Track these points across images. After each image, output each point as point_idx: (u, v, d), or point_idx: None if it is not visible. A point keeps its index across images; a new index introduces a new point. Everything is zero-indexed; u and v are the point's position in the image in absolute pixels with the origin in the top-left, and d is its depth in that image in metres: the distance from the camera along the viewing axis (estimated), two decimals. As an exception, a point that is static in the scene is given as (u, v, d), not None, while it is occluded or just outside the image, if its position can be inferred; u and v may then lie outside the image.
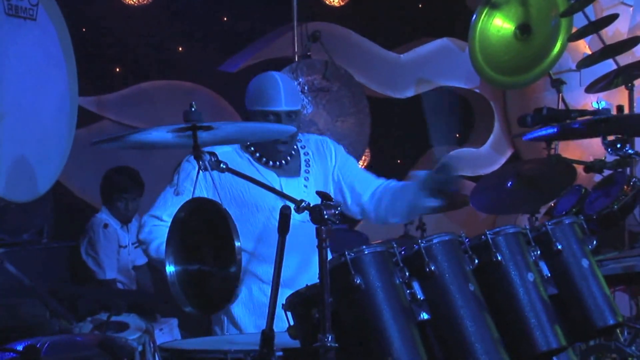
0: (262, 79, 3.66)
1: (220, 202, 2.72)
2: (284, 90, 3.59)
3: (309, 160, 3.75)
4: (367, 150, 7.51)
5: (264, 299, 3.52)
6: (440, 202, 3.58)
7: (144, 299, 5.16)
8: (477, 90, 7.96)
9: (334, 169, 3.78)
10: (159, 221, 3.55)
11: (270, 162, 3.68)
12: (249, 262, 3.57)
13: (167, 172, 3.91)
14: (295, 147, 3.75)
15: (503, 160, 7.99)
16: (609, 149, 3.77)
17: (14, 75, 4.91)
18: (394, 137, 8.00)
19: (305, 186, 3.64)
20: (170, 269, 2.72)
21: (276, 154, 3.66)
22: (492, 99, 8.00)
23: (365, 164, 7.79)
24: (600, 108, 3.60)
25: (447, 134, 3.73)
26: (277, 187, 3.55)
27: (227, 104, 7.31)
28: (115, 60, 7.37)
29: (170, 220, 2.78)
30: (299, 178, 3.69)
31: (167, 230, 2.93)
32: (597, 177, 5.39)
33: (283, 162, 3.70)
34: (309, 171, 3.72)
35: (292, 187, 3.59)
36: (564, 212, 5.03)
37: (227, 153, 3.49)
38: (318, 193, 2.71)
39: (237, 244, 2.58)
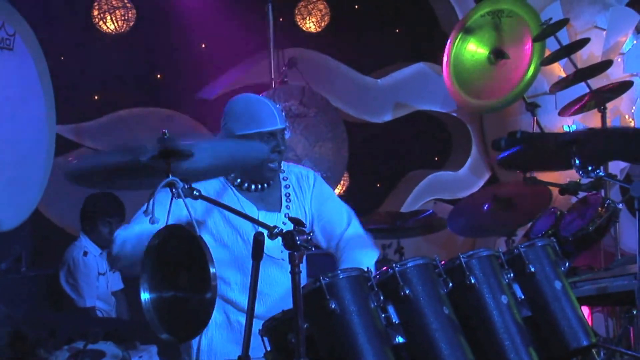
0: (249, 102, 3.61)
1: (195, 228, 2.73)
2: (275, 109, 3.59)
3: (289, 195, 3.70)
4: (345, 174, 7.54)
5: (241, 327, 3.52)
6: None
7: (123, 327, 5.15)
8: (454, 114, 8.00)
9: (310, 205, 3.74)
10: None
11: (253, 187, 3.62)
12: (226, 290, 3.57)
13: (144, 199, 3.90)
14: (277, 176, 3.70)
15: (481, 183, 8.01)
16: (580, 172, 3.81)
17: (-9, 105, 4.93)
18: (372, 161, 8.04)
19: (284, 223, 3.50)
20: (145, 296, 2.72)
21: (263, 175, 3.61)
22: (470, 122, 8.04)
23: (344, 188, 7.82)
24: (571, 131, 3.65)
25: None
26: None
27: (206, 131, 7.32)
28: (93, 88, 7.38)
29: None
30: (279, 214, 3.63)
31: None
32: (573, 199, 5.44)
33: (265, 185, 3.64)
34: (289, 207, 3.67)
35: (270, 221, 3.54)
36: (540, 234, 5.06)
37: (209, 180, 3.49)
38: (290, 219, 2.73)
39: (212, 270, 2.59)
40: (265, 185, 3.65)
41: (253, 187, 3.63)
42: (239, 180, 3.62)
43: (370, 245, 3.77)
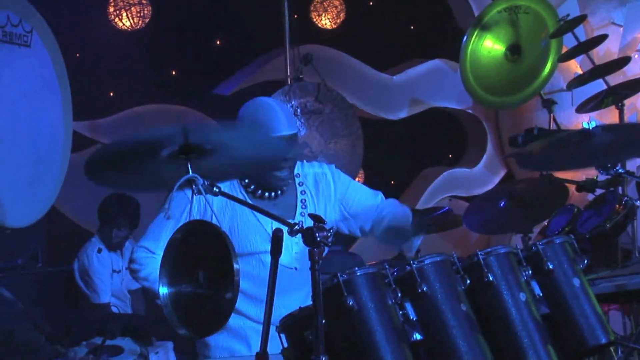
0: (256, 107, 3.56)
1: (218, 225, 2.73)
2: (283, 114, 3.53)
3: (305, 201, 3.66)
4: (360, 172, 7.53)
5: (246, 329, 3.56)
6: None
7: (139, 323, 5.16)
8: (470, 111, 7.99)
9: (334, 202, 3.70)
10: (149, 253, 3.51)
11: (266, 194, 3.59)
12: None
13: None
14: (291, 179, 3.66)
15: (496, 180, 8.00)
16: (599, 169, 3.79)
17: (9, 101, 4.95)
18: (387, 158, 8.04)
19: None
20: (163, 290, 2.71)
21: (271, 183, 3.58)
22: (485, 119, 8.02)
23: (359, 185, 7.81)
24: (590, 128, 3.63)
25: None
26: (269, 230, 3.50)
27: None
28: (108, 85, 7.40)
29: (162, 252, 2.77)
30: (293, 220, 3.46)
31: (157, 261, 2.92)
32: (590, 197, 5.41)
33: (279, 192, 3.61)
34: (304, 214, 3.63)
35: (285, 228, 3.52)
36: (556, 232, 5.04)
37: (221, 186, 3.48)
38: (310, 215, 2.72)
39: (235, 266, 2.57)
40: (279, 192, 3.62)
41: (267, 194, 3.60)
42: (252, 187, 3.60)
43: (403, 205, 3.80)
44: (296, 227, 2.71)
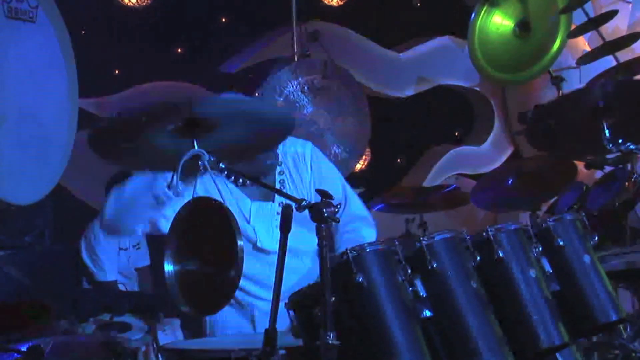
0: None
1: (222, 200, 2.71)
2: None
3: (283, 182, 3.65)
4: (367, 150, 7.50)
5: (252, 307, 3.58)
6: None
7: (147, 300, 5.16)
8: (477, 88, 7.96)
9: (309, 187, 3.69)
10: None
11: (248, 182, 3.57)
12: None
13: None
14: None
15: (504, 158, 7.99)
16: (610, 145, 3.77)
17: (14, 78, 4.91)
18: (394, 135, 8.01)
19: (278, 213, 3.40)
20: (168, 267, 2.71)
21: (260, 170, 3.55)
22: (492, 96, 8.00)
23: (365, 163, 7.79)
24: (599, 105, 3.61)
25: None
26: (248, 213, 3.54)
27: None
28: (114, 62, 7.37)
29: None
30: (273, 203, 3.59)
31: None
32: (599, 174, 5.39)
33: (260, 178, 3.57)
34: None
35: (264, 212, 3.50)
36: (565, 209, 5.04)
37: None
38: (318, 191, 2.71)
39: (239, 243, 2.57)
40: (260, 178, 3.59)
41: (248, 182, 3.58)
42: (233, 177, 3.55)
43: (366, 227, 3.76)
44: (303, 203, 2.69)
